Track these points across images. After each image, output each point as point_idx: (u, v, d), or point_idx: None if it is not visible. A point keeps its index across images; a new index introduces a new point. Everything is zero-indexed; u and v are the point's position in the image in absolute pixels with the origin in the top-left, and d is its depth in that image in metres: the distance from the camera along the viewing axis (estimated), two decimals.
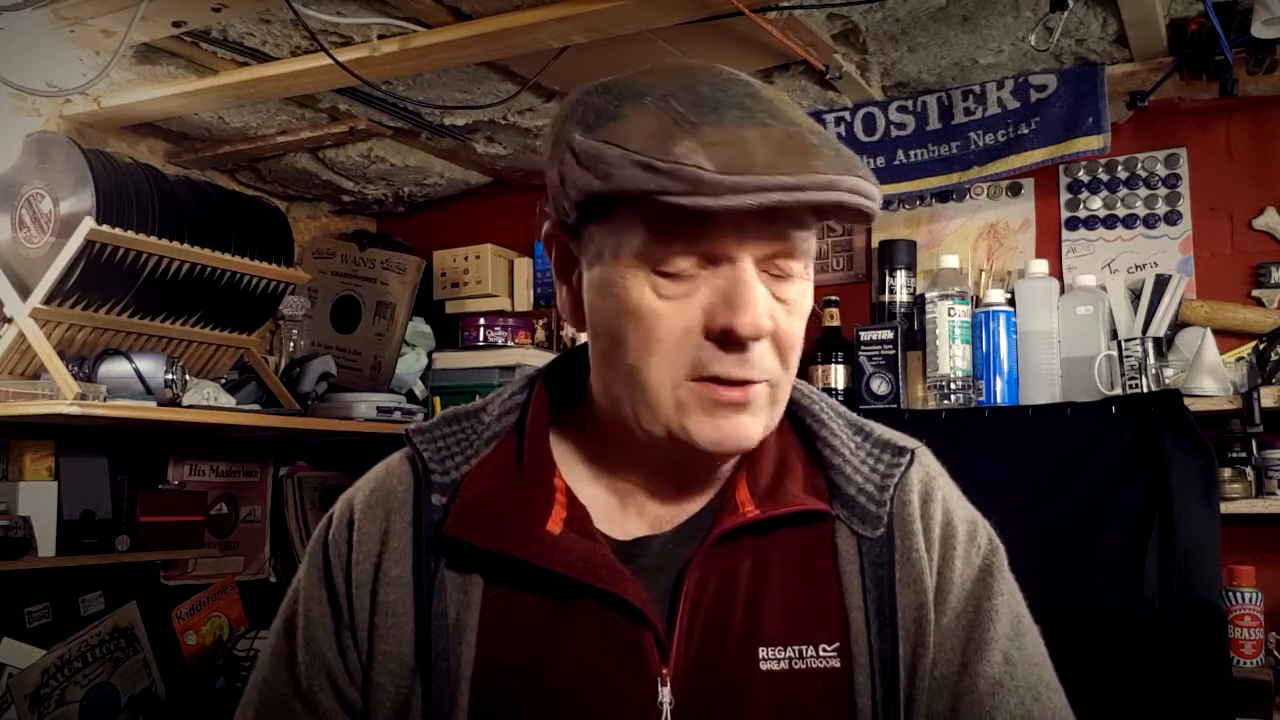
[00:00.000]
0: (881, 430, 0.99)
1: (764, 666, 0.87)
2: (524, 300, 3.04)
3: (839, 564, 0.91)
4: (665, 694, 0.85)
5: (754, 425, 0.87)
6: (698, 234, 0.82)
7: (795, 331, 0.87)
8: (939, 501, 0.95)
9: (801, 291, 0.87)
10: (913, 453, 0.96)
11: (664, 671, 0.86)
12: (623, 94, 0.85)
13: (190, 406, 2.25)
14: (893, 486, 0.93)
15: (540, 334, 2.94)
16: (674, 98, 0.83)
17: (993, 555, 0.96)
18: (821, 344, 2.53)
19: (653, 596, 0.88)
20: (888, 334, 2.41)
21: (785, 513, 0.91)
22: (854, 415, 1.01)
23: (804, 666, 0.88)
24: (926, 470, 0.98)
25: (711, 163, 0.77)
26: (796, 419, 0.99)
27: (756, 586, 0.89)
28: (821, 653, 0.88)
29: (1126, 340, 2.22)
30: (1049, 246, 2.50)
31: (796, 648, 0.88)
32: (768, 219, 0.82)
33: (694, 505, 0.94)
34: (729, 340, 0.83)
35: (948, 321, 2.35)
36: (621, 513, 0.94)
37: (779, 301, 0.86)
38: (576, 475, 0.95)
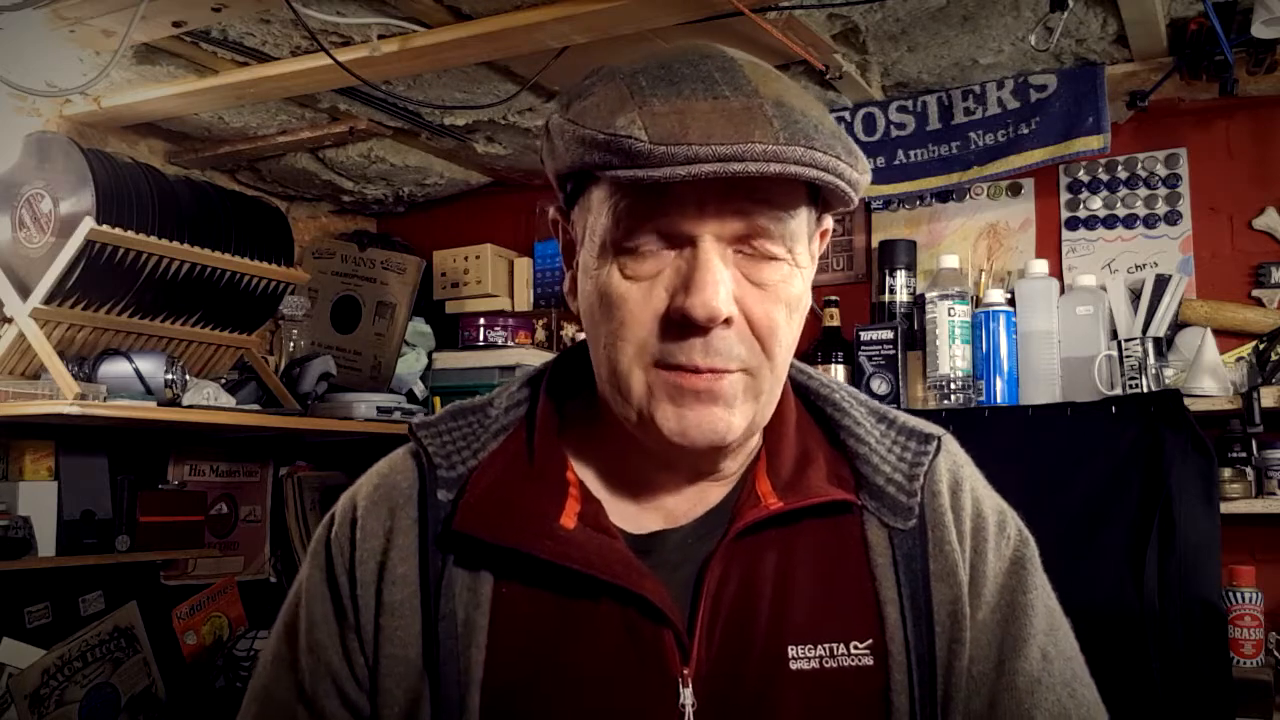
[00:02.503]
0: (905, 418, 0.95)
1: (794, 666, 0.83)
2: (524, 300, 3.04)
3: (870, 557, 0.87)
4: (687, 695, 0.82)
5: (729, 418, 0.82)
6: (656, 211, 0.79)
7: (774, 317, 0.82)
8: (968, 491, 0.92)
9: (785, 276, 0.82)
10: (940, 440, 0.93)
11: (685, 672, 0.82)
12: (604, 74, 0.83)
13: (190, 406, 2.25)
14: (922, 475, 0.90)
15: (540, 334, 2.94)
16: (643, 74, 0.80)
17: (1023, 546, 0.93)
18: (821, 344, 2.53)
19: (672, 594, 0.84)
20: (888, 334, 2.41)
21: (810, 504, 0.87)
22: (876, 403, 0.97)
23: (835, 665, 0.84)
24: (954, 458, 0.95)
25: (646, 133, 0.74)
26: (816, 409, 0.95)
27: (783, 582, 0.86)
28: (854, 650, 0.85)
29: (1126, 340, 2.22)
30: (1049, 246, 2.50)
31: (827, 646, 0.84)
32: (727, 194, 0.78)
33: (712, 498, 0.90)
34: (687, 324, 0.79)
35: (948, 321, 2.35)
36: (636, 506, 0.90)
37: (754, 285, 0.81)
38: (588, 468, 0.92)
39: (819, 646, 0.84)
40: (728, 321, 0.80)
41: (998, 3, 1.97)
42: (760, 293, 0.81)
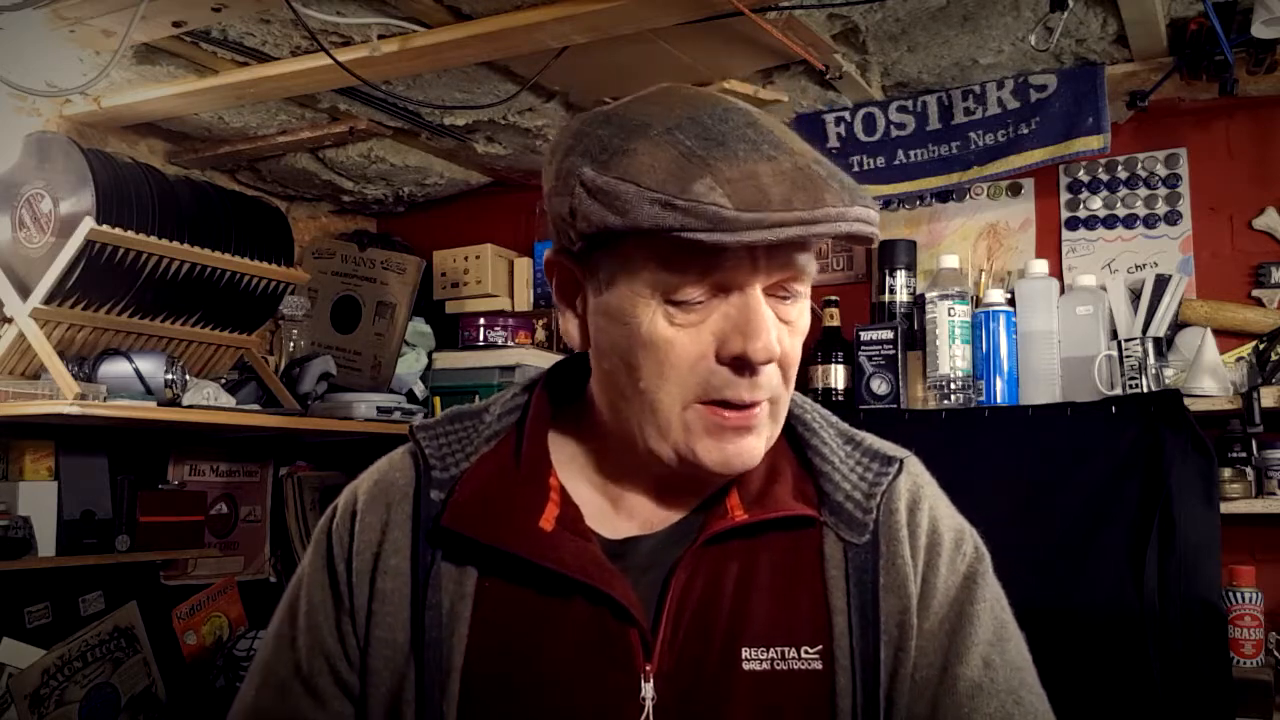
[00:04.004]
0: (872, 440, 1.01)
1: (746, 667, 0.89)
2: (524, 300, 3.03)
3: (824, 568, 0.93)
4: (648, 690, 0.88)
5: (757, 444, 0.91)
6: (710, 265, 0.85)
7: (797, 351, 0.91)
8: (925, 510, 0.97)
9: (801, 311, 0.91)
10: (901, 462, 0.99)
11: (647, 668, 0.88)
12: (627, 127, 0.87)
13: (190, 406, 2.25)
14: (880, 494, 0.95)
15: (540, 334, 2.94)
16: (680, 130, 0.85)
17: (978, 563, 0.97)
18: (821, 344, 2.52)
19: (640, 595, 0.90)
20: (888, 334, 2.41)
21: (773, 517, 0.93)
22: (845, 425, 1.03)
23: (786, 668, 0.89)
24: (915, 479, 1.00)
25: (730, 200, 0.80)
26: (789, 427, 1.00)
27: (743, 588, 0.91)
28: (804, 655, 0.90)
29: (1126, 340, 2.22)
30: (1049, 246, 2.50)
31: (779, 649, 0.90)
32: (777, 248, 0.85)
33: (685, 508, 0.97)
34: (741, 365, 0.86)
35: (948, 321, 2.35)
36: (614, 513, 0.97)
37: (783, 323, 0.89)
38: (572, 475, 0.98)
39: (771, 649, 0.90)
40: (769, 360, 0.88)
41: (998, 3, 1.97)
42: (787, 328, 0.90)
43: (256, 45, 2.14)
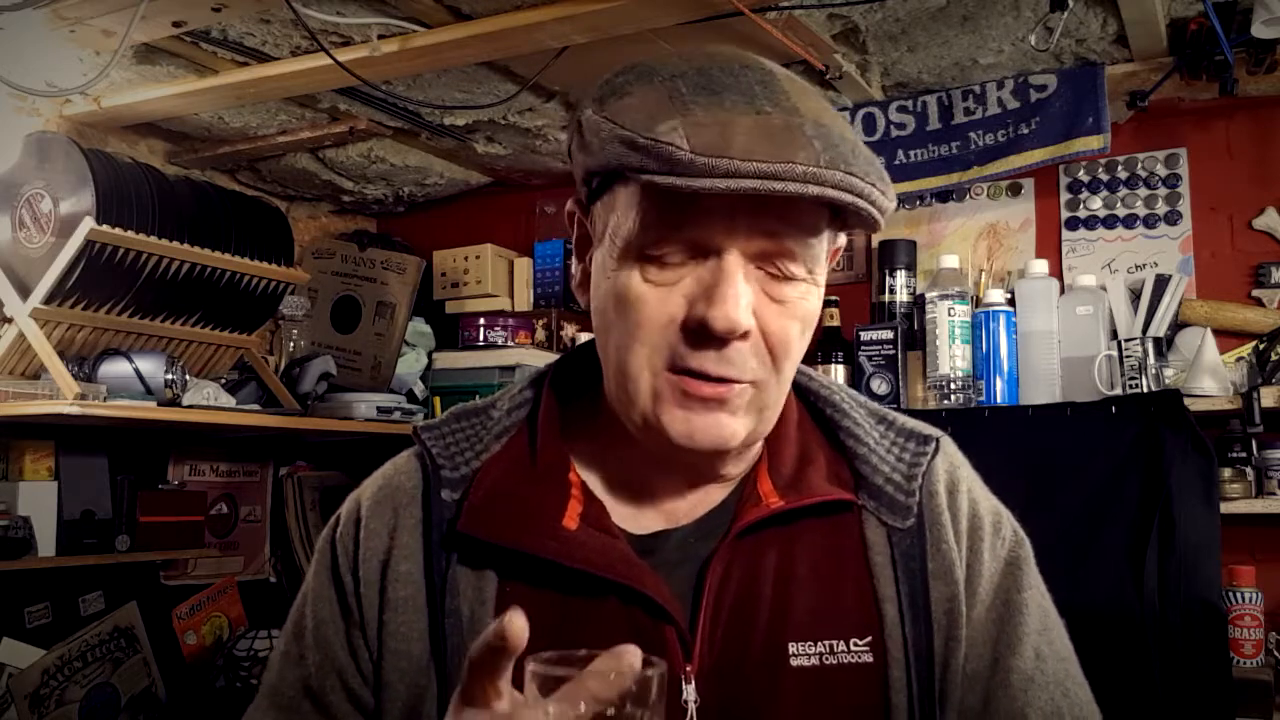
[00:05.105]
0: (904, 419, 0.97)
1: (794, 663, 0.84)
2: (524, 300, 3.04)
3: (869, 555, 0.88)
4: (690, 692, 0.83)
5: (734, 425, 0.83)
6: (686, 221, 0.79)
7: (789, 333, 0.84)
8: (964, 492, 0.94)
9: (803, 294, 0.84)
10: (938, 441, 0.94)
11: (688, 669, 0.83)
12: (640, 72, 0.84)
13: (190, 406, 2.25)
14: (920, 475, 0.91)
15: (540, 334, 2.94)
16: (683, 79, 0.80)
17: (1019, 547, 0.94)
18: (821, 344, 2.53)
19: (674, 592, 0.85)
20: (888, 334, 2.41)
21: (810, 503, 0.88)
22: (875, 405, 0.98)
23: (835, 662, 0.85)
24: (951, 460, 0.96)
25: (688, 143, 0.74)
26: (816, 410, 0.97)
27: (783, 580, 0.87)
28: (854, 647, 0.85)
29: (1126, 340, 2.22)
30: (1049, 246, 2.50)
31: (827, 642, 0.85)
32: (758, 212, 0.79)
33: (713, 498, 0.92)
34: (704, 334, 0.80)
35: (948, 321, 2.35)
36: (638, 507, 0.92)
37: (773, 301, 0.82)
38: (590, 469, 0.93)
39: (819, 644, 0.85)
40: (744, 335, 0.81)
41: (998, 3, 1.97)
42: (778, 308, 0.83)
43: (256, 45, 2.14)
